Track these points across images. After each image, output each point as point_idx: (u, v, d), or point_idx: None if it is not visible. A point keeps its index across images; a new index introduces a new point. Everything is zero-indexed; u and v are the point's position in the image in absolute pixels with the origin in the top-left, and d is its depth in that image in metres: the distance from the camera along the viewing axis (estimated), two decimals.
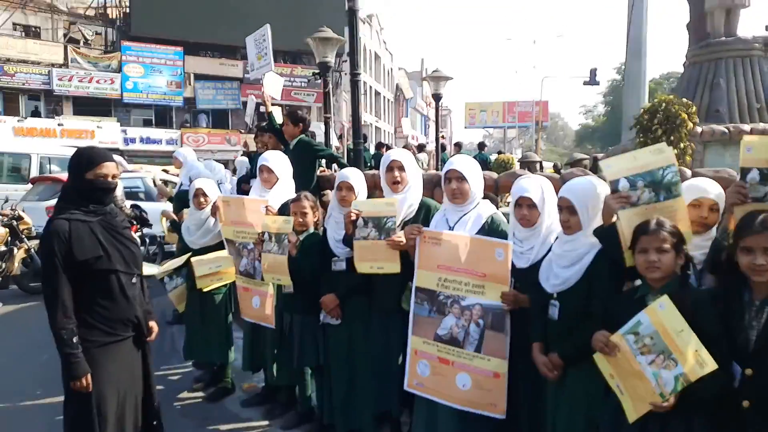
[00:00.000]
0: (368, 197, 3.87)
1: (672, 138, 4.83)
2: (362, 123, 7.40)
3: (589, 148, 43.20)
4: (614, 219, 2.49)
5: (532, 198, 2.89)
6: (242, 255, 4.16)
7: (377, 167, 4.19)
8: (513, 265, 2.90)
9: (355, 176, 3.76)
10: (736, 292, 2.19)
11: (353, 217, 3.39)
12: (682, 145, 4.84)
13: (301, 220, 3.85)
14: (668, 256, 2.26)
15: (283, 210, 4.16)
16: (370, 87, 38.30)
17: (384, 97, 43.19)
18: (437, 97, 13.19)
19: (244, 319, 4.34)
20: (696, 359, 2.05)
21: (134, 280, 2.92)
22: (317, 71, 9.76)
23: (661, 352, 2.13)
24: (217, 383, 4.80)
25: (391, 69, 45.57)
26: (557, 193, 2.82)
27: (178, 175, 8.02)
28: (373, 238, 3.36)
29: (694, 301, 2.22)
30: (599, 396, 2.46)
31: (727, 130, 7.99)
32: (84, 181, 2.76)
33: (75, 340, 2.65)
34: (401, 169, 3.48)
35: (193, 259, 4.53)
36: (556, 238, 2.86)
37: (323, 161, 6.35)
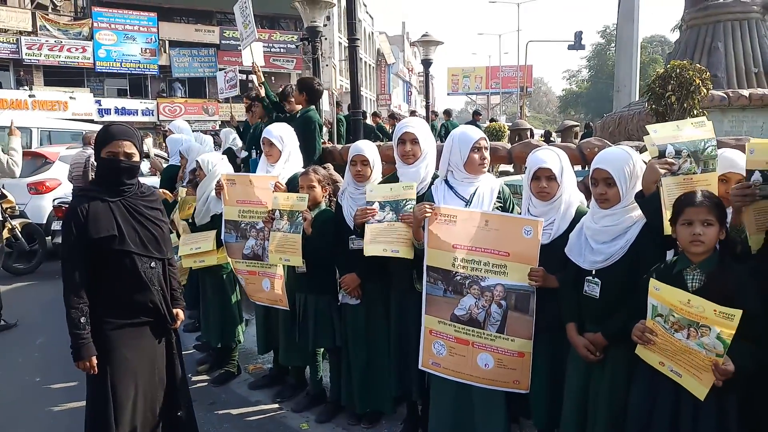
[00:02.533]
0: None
1: (686, 105, 4.71)
2: (343, 90, 7.16)
3: (573, 114, 43.24)
4: (656, 186, 2.40)
5: (552, 169, 2.77)
6: (249, 236, 3.96)
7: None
8: None
9: (369, 149, 3.56)
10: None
11: (360, 215, 3.26)
12: (695, 112, 4.72)
13: (309, 194, 3.67)
14: (713, 229, 2.20)
15: (291, 185, 3.97)
16: None
17: (366, 62, 42.53)
18: (427, 63, 12.92)
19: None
20: (721, 316, 2.02)
21: (153, 264, 2.78)
22: (305, 36, 9.43)
23: (689, 325, 2.11)
24: (222, 366, 4.66)
25: (372, 33, 44.81)
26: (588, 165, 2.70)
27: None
28: (389, 221, 3.20)
29: (736, 278, 2.15)
30: None
31: (726, 96, 7.90)
32: (100, 159, 2.74)
33: (83, 320, 2.61)
34: (414, 142, 3.28)
35: (180, 238, 4.35)
36: (576, 214, 2.78)
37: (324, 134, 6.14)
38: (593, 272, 2.61)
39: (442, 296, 2.93)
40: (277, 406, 4.13)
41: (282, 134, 4.18)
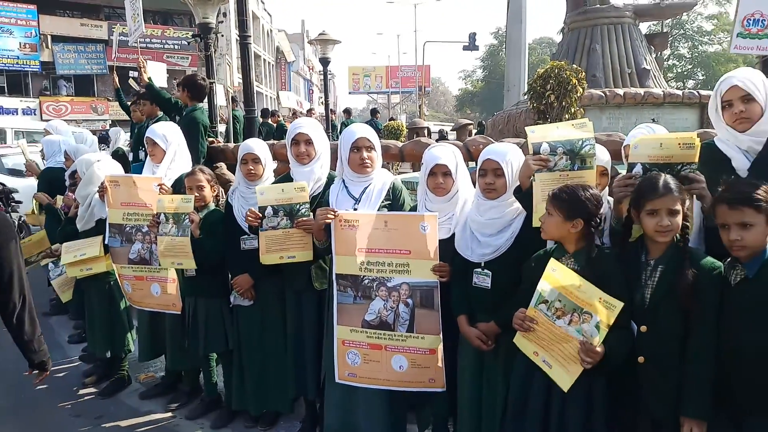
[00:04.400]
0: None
1: (564, 103, 5.02)
2: (241, 88, 7.05)
3: (469, 112, 44.64)
4: (531, 180, 2.55)
5: (448, 165, 2.85)
6: (135, 240, 3.79)
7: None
8: None
9: (260, 147, 3.51)
10: (633, 253, 2.30)
11: (252, 219, 3.21)
12: (572, 110, 5.04)
13: (197, 195, 3.57)
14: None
15: (178, 186, 3.84)
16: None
17: (265, 60, 41.79)
18: (325, 61, 12.89)
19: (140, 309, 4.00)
20: (604, 305, 2.16)
21: None
22: (196, 34, 9.11)
23: (573, 310, 2.23)
24: (110, 376, 4.43)
25: (271, 30, 44.08)
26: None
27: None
28: (284, 227, 3.18)
29: (606, 266, 2.31)
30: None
31: (603, 94, 8.50)
32: None
33: None
34: (308, 142, 3.28)
35: (63, 246, 4.11)
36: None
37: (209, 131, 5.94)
38: (482, 264, 2.71)
39: (353, 303, 2.91)
40: (170, 415, 3.98)
41: (166, 133, 4.03)
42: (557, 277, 2.29)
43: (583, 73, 5.35)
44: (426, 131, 13.01)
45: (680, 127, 8.23)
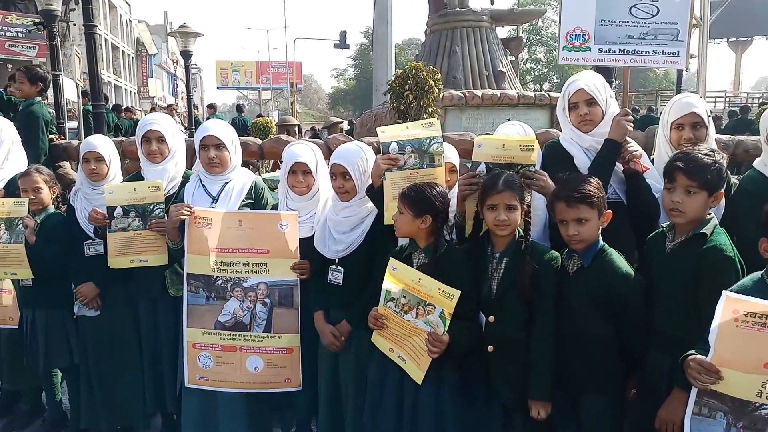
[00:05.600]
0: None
1: (422, 103, 5.19)
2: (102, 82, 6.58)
3: (342, 111, 44.89)
4: (382, 179, 2.61)
5: (308, 163, 2.84)
6: None
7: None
8: None
9: (103, 144, 3.27)
10: (480, 247, 2.45)
11: (97, 219, 3.02)
12: (430, 110, 5.23)
13: (34, 197, 3.27)
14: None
15: (12, 188, 3.49)
16: (106, 40, 34.44)
17: (123, 52, 39.27)
18: (187, 55, 12.36)
19: None
20: (443, 295, 2.26)
21: None
22: (39, 21, 8.36)
23: (418, 304, 2.32)
24: None
25: (130, 21, 41.48)
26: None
27: None
28: (135, 228, 3.00)
29: (453, 260, 2.43)
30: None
31: (463, 95, 8.90)
32: None
33: None
34: (161, 140, 3.12)
35: None
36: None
37: (54, 127, 5.46)
38: (336, 261, 2.75)
39: (205, 304, 2.83)
40: None
41: None
42: (398, 275, 2.38)
43: (439, 75, 5.57)
44: (296, 129, 12.92)
45: (534, 127, 8.79)
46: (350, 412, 2.72)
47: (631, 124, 2.60)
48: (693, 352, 1.84)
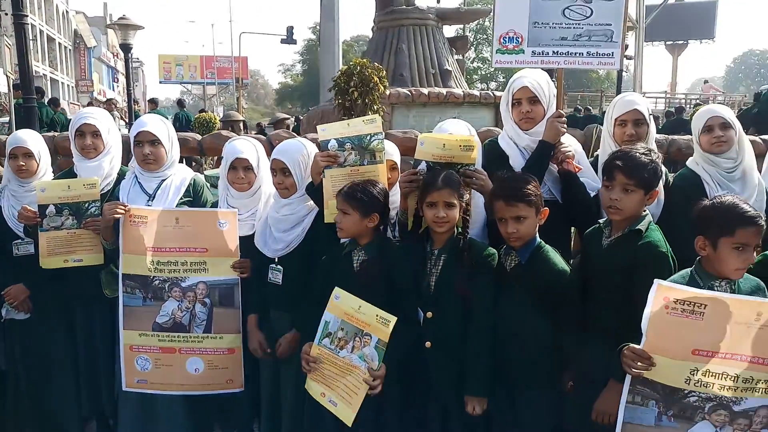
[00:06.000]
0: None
1: (367, 101, 5.18)
2: (33, 74, 6.30)
3: (290, 107, 44.39)
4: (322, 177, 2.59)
5: (249, 159, 2.80)
6: None
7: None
8: None
9: (32, 139, 3.12)
10: (420, 243, 2.46)
11: (27, 217, 2.89)
12: (375, 107, 5.23)
13: None
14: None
15: None
16: (41, 31, 33.05)
17: (60, 44, 37.76)
18: (126, 48, 11.98)
19: None
20: (380, 321, 2.20)
21: None
22: None
23: (355, 335, 2.26)
24: None
25: (67, 12, 39.93)
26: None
27: None
28: (69, 227, 2.89)
29: (392, 256, 2.44)
30: None
31: (410, 93, 8.94)
32: None
33: None
34: (95, 135, 3.00)
35: None
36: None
37: None
38: (276, 260, 2.71)
39: (142, 305, 2.75)
40: None
41: None
42: (339, 303, 2.31)
43: (384, 72, 5.58)
44: (242, 125, 12.71)
45: (478, 125, 8.92)
46: (287, 424, 2.70)
47: (565, 126, 2.66)
48: (628, 344, 1.91)
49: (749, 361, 1.76)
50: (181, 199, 2.95)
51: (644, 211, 2.29)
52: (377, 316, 2.21)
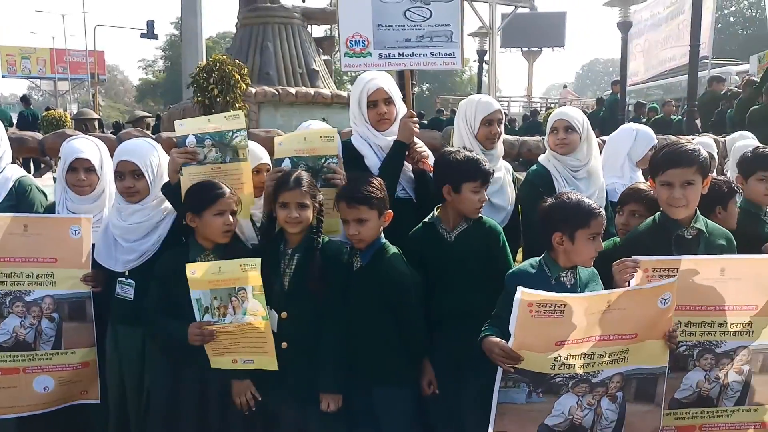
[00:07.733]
0: None
1: (228, 98, 5.03)
2: None
3: (152, 104, 42.17)
4: (179, 175, 2.48)
5: (91, 160, 2.61)
6: None
7: None
8: None
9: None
10: (274, 244, 2.44)
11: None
12: (237, 105, 5.09)
13: None
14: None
15: None
16: None
17: None
18: None
19: None
20: (246, 268, 2.21)
21: None
22: None
23: (230, 296, 2.23)
24: None
25: None
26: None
27: None
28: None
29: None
30: None
31: (277, 92, 8.83)
32: None
33: None
34: None
35: None
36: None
37: None
38: (126, 273, 2.54)
39: None
40: None
41: None
42: (199, 276, 2.24)
43: (246, 69, 5.45)
44: (97, 123, 11.90)
45: (346, 126, 8.99)
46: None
47: (417, 126, 2.74)
48: (488, 328, 2.09)
49: (599, 340, 2.00)
50: (2, 201, 2.70)
51: None
52: (241, 265, 2.20)
